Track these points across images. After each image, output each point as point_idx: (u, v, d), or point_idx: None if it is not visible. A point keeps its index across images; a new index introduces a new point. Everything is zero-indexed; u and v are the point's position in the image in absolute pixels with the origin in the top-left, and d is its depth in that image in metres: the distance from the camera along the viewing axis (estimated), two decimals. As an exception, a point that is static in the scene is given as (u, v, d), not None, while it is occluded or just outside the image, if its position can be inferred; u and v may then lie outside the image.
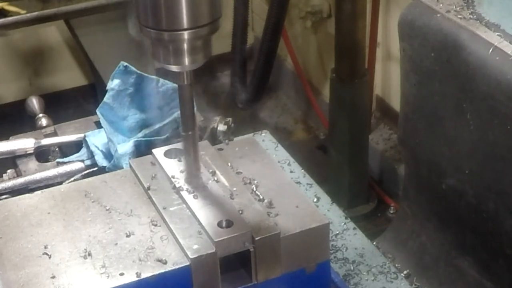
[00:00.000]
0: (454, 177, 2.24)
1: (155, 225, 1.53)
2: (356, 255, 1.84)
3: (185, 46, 1.42)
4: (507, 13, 2.09)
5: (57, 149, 1.99)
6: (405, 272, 2.40)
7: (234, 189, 1.58)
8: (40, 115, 2.17)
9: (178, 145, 1.68)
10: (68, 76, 4.57)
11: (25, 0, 3.78)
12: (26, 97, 2.25)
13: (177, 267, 1.44)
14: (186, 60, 1.44)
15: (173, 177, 1.61)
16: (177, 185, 1.59)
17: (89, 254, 1.48)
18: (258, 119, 4.53)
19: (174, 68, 1.46)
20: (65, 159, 1.92)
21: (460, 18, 2.15)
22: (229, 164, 1.67)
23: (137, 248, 1.48)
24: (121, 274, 1.43)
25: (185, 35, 1.40)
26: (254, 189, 1.60)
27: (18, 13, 3.65)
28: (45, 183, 1.86)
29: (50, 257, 1.48)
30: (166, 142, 1.83)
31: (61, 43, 4.51)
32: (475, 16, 2.15)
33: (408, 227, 2.53)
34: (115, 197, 1.61)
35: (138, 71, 1.89)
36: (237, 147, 1.74)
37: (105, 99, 1.90)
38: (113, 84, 1.89)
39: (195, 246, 1.46)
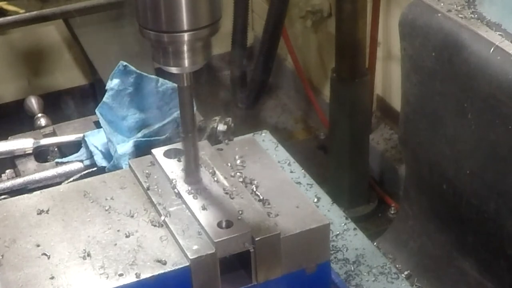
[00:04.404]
0: (455, 177, 2.23)
1: (155, 226, 1.52)
2: (356, 256, 1.83)
3: (185, 47, 1.42)
4: (508, 12, 2.08)
5: (56, 149, 1.98)
6: (406, 272, 2.40)
7: (234, 189, 1.58)
8: (39, 115, 2.17)
9: (178, 145, 1.68)
10: (67, 76, 4.56)
11: (24, -1, 3.78)
12: (25, 97, 2.24)
13: (176, 267, 1.43)
14: (186, 62, 1.44)
15: (172, 177, 1.61)
16: (176, 186, 1.59)
17: (88, 255, 1.47)
18: (258, 119, 4.52)
19: (174, 70, 1.45)
20: (64, 159, 1.92)
21: (461, 18, 2.14)
22: (229, 164, 1.67)
23: (136, 249, 1.47)
24: (121, 275, 1.42)
25: (185, 36, 1.39)
26: (254, 189, 1.59)
27: (17, 13, 3.64)
28: (44, 183, 1.86)
29: (49, 258, 1.47)
30: (165, 142, 1.82)
31: (60, 43, 4.51)
32: (476, 16, 2.14)
33: (409, 228, 2.53)
34: (114, 198, 1.60)
35: (138, 71, 1.89)
36: (237, 147, 1.73)
37: (104, 99, 1.89)
38: (113, 83, 1.88)
39: (195, 247, 1.45)
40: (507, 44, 2.00)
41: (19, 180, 1.86)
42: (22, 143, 1.95)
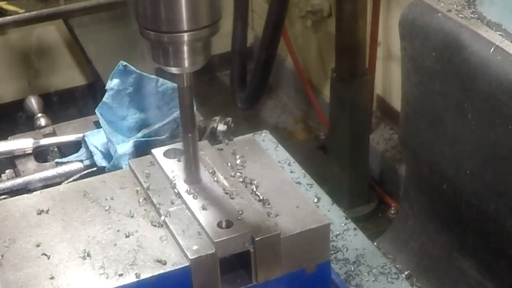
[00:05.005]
0: (455, 177, 2.23)
1: (155, 226, 1.52)
2: (356, 256, 1.83)
3: (185, 48, 1.41)
4: (509, 12, 2.08)
5: (56, 149, 1.98)
6: (406, 272, 2.40)
7: (234, 189, 1.58)
8: (39, 115, 2.16)
9: (178, 145, 1.68)
10: (67, 76, 4.56)
11: (24, -1, 3.78)
12: (24, 97, 2.24)
13: (176, 267, 1.43)
14: (186, 62, 1.44)
15: (172, 177, 1.61)
16: (176, 186, 1.59)
17: (88, 255, 1.47)
18: (258, 119, 4.52)
19: (174, 70, 1.45)
20: (64, 159, 1.92)
21: (461, 18, 2.14)
22: (229, 164, 1.67)
23: (136, 249, 1.47)
24: (121, 275, 1.42)
25: (185, 37, 1.39)
26: (254, 189, 1.59)
27: (17, 12, 3.65)
28: (44, 183, 1.85)
29: (49, 258, 1.47)
30: (165, 142, 1.82)
31: (60, 43, 4.50)
32: (476, 16, 2.14)
33: (409, 228, 2.53)
34: (114, 198, 1.60)
35: (138, 71, 1.89)
36: (237, 147, 1.73)
37: (104, 99, 1.89)
38: (112, 83, 1.88)
39: (195, 247, 1.45)
40: (507, 44, 2.00)
41: (19, 180, 1.86)
42: (22, 143, 1.95)
